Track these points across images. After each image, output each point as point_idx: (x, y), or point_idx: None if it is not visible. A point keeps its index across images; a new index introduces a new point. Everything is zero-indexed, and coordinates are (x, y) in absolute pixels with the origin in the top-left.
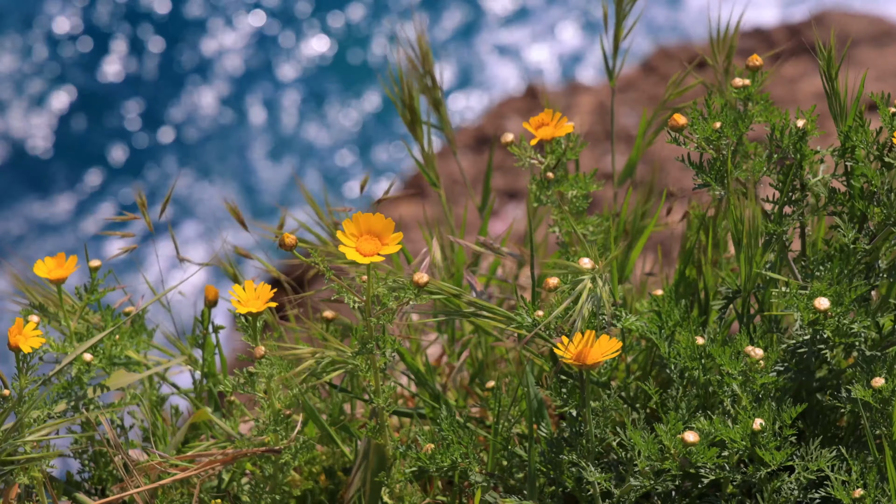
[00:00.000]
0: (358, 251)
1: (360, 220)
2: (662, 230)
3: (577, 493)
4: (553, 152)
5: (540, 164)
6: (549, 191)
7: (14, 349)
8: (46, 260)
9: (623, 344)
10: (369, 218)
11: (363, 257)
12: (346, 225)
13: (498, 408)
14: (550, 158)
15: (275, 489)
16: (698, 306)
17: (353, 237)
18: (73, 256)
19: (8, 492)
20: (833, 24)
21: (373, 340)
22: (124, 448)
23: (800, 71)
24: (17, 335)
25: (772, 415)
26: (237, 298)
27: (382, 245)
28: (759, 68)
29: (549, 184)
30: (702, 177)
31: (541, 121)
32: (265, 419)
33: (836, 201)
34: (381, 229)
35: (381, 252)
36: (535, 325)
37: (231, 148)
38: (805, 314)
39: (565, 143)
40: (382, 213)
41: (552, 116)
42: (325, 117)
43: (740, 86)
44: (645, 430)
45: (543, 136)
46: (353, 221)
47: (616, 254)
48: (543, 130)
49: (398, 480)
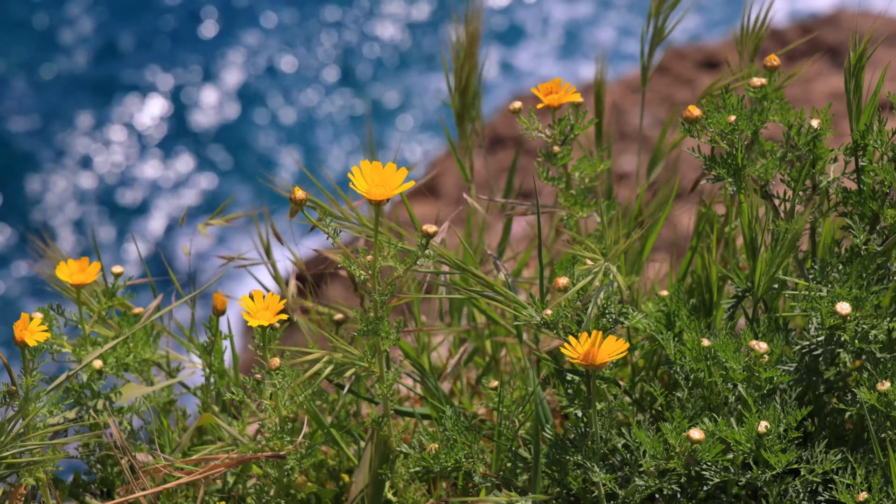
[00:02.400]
0: (368, 194)
1: (370, 168)
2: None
3: (582, 495)
4: (560, 123)
5: (547, 138)
6: (554, 163)
7: (20, 345)
8: (70, 262)
9: (630, 343)
10: (379, 167)
11: (374, 198)
12: (356, 171)
13: (501, 408)
14: (557, 130)
15: (280, 493)
16: (703, 305)
17: (363, 183)
18: (96, 262)
19: (14, 493)
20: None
21: (378, 320)
22: (131, 450)
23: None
24: (22, 330)
25: (777, 416)
26: (247, 310)
27: (392, 190)
28: (777, 68)
29: (554, 157)
30: (715, 169)
31: (549, 88)
32: (271, 425)
33: (848, 201)
34: (391, 178)
35: (390, 194)
36: (543, 323)
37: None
38: (826, 318)
39: (574, 120)
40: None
41: (560, 85)
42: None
43: (758, 85)
44: (650, 430)
45: (551, 102)
46: (364, 169)
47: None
48: (551, 97)
49: (402, 476)
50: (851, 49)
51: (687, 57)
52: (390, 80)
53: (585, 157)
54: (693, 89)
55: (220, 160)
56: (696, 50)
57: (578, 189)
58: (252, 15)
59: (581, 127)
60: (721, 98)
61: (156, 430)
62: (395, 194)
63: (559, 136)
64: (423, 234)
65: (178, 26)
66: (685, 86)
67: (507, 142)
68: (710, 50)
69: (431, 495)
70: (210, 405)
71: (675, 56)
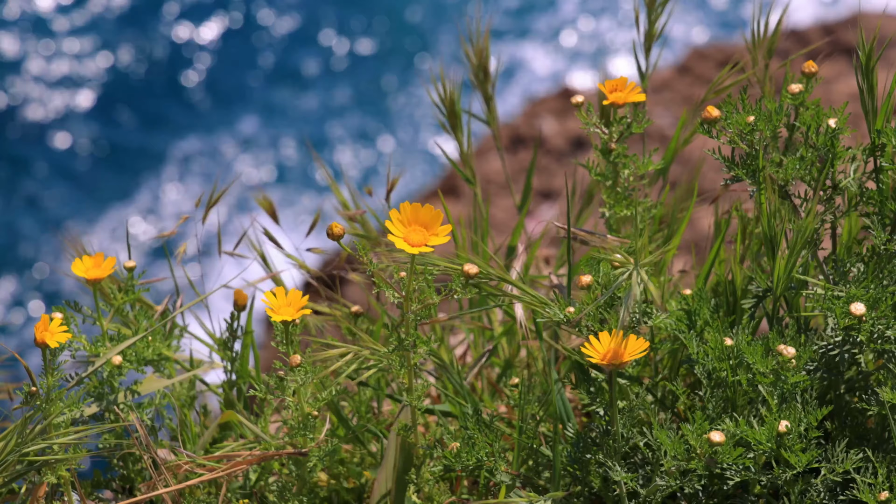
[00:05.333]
0: (406, 241)
1: (408, 210)
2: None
3: (603, 493)
4: (619, 121)
5: (604, 134)
6: (611, 159)
7: (41, 345)
8: (84, 258)
9: (652, 342)
10: (417, 209)
11: (411, 247)
12: (394, 214)
13: (523, 406)
14: (615, 128)
15: (302, 490)
16: (727, 305)
17: (401, 227)
18: (111, 257)
19: (36, 490)
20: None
21: (410, 337)
22: (153, 447)
23: (835, 72)
24: (43, 331)
25: (798, 416)
26: (270, 306)
27: (430, 235)
28: (814, 74)
29: (609, 154)
30: (733, 170)
31: (614, 86)
32: (294, 422)
33: (867, 201)
34: (429, 220)
35: (429, 242)
36: (566, 321)
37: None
38: (841, 319)
39: (630, 117)
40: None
41: (626, 84)
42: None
43: (797, 92)
44: (672, 430)
45: (616, 99)
46: (402, 211)
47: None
48: (616, 95)
49: (427, 480)
50: (860, 49)
51: (708, 57)
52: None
53: (634, 156)
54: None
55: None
56: (717, 50)
57: (623, 187)
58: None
59: (639, 125)
60: (741, 98)
61: (178, 426)
62: (433, 247)
63: (615, 134)
64: (464, 275)
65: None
66: (706, 85)
67: (528, 142)
68: (732, 50)
69: (453, 493)
70: (232, 402)
71: (696, 56)
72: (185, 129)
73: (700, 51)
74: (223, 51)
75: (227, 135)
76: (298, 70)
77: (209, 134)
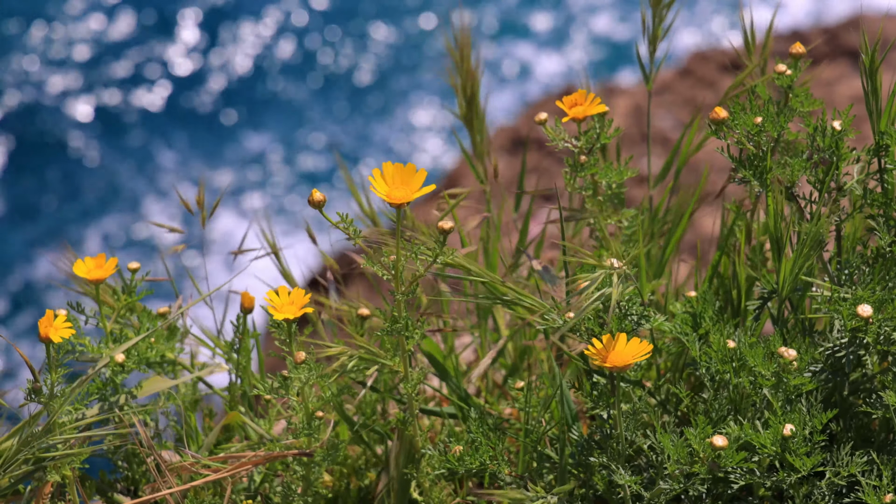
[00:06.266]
0: (389, 196)
1: (391, 169)
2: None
3: (607, 496)
4: (586, 134)
5: (574, 148)
6: (581, 173)
7: (45, 341)
8: (87, 259)
9: (654, 346)
10: (399, 167)
11: (394, 201)
12: (377, 172)
13: (527, 409)
14: (584, 140)
15: (306, 491)
16: (731, 307)
17: (383, 184)
18: (113, 258)
19: (41, 489)
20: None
21: (402, 319)
22: (157, 449)
23: (836, 74)
24: (47, 327)
25: (802, 419)
26: (272, 304)
27: (411, 192)
28: (802, 56)
29: (581, 167)
30: (742, 171)
31: (574, 100)
32: (298, 422)
33: (872, 203)
34: (412, 179)
35: (410, 199)
36: (566, 326)
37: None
38: (848, 321)
39: (599, 129)
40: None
41: (586, 97)
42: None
43: (783, 71)
44: (675, 433)
45: (576, 114)
46: (385, 171)
47: (638, 252)
48: (576, 109)
49: (427, 475)
50: (863, 52)
51: (710, 59)
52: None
53: (610, 165)
54: (716, 91)
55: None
56: (719, 52)
57: (605, 195)
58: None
59: (607, 136)
60: (748, 98)
61: (183, 427)
62: (415, 197)
63: (585, 146)
64: (439, 231)
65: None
66: (708, 88)
67: (529, 143)
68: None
69: (458, 494)
70: (236, 403)
71: (698, 58)
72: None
73: (702, 53)
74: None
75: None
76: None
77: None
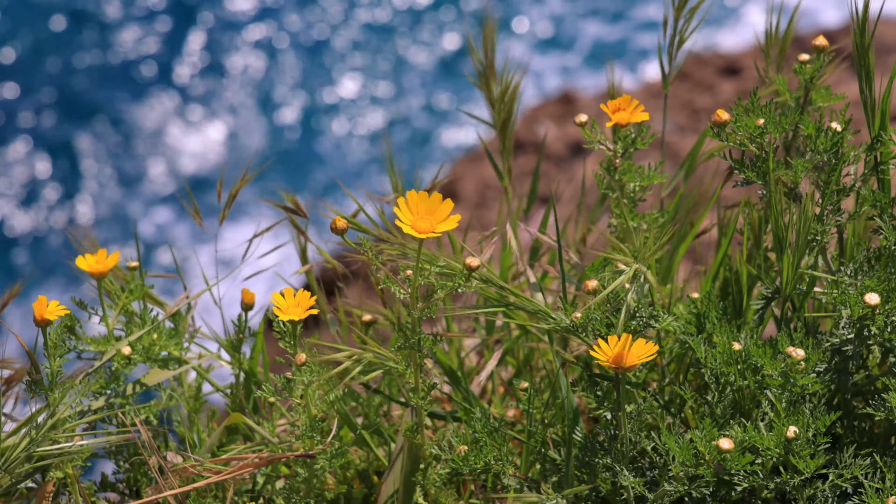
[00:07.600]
0: (413, 228)
1: (416, 198)
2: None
3: (611, 497)
4: (623, 139)
5: (608, 150)
6: (615, 177)
7: (41, 323)
8: (87, 256)
9: (659, 346)
10: (424, 197)
11: (419, 233)
12: (402, 202)
13: (531, 410)
14: (619, 145)
15: (309, 493)
16: (734, 307)
17: (408, 214)
18: (115, 253)
19: (42, 490)
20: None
21: (416, 336)
22: (157, 450)
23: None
24: (43, 309)
25: (806, 422)
26: (277, 306)
27: (437, 223)
28: (825, 49)
29: (615, 171)
30: (744, 173)
31: (618, 105)
32: (301, 424)
33: (874, 202)
34: (437, 208)
35: (436, 229)
36: (573, 327)
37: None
38: (855, 309)
39: (634, 133)
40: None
41: (629, 102)
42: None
43: (806, 60)
44: (680, 434)
45: (619, 119)
46: (409, 199)
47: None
48: (619, 115)
49: (434, 482)
50: (854, 55)
51: (707, 63)
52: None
53: (641, 169)
54: (714, 95)
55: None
56: (716, 56)
57: (629, 198)
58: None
59: (643, 142)
60: (750, 99)
61: (185, 427)
62: (441, 232)
63: (620, 150)
64: (466, 267)
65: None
66: (706, 92)
67: (527, 147)
68: (731, 56)
69: (461, 497)
70: (239, 404)
71: (695, 62)
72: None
73: (699, 57)
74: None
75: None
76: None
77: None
